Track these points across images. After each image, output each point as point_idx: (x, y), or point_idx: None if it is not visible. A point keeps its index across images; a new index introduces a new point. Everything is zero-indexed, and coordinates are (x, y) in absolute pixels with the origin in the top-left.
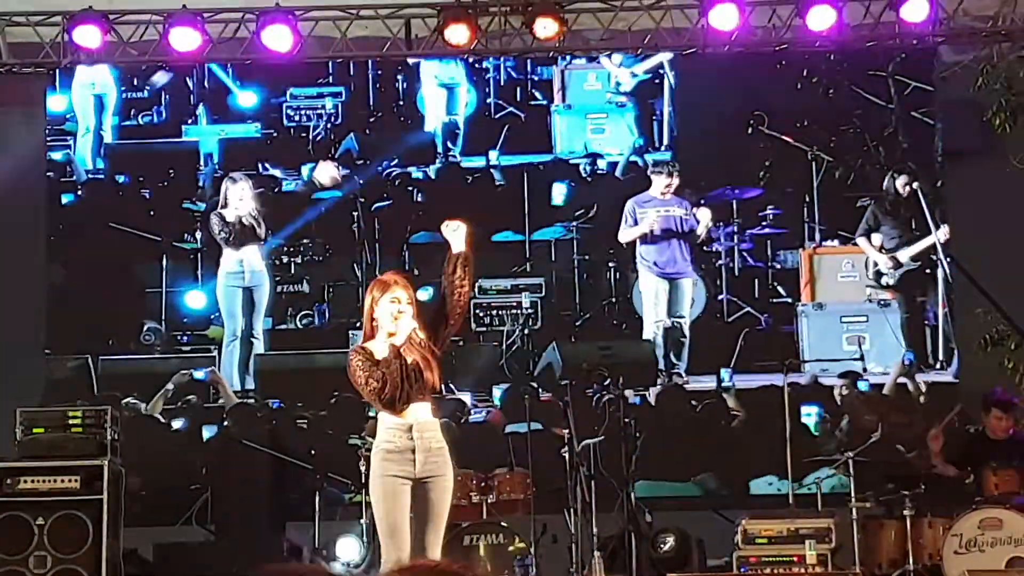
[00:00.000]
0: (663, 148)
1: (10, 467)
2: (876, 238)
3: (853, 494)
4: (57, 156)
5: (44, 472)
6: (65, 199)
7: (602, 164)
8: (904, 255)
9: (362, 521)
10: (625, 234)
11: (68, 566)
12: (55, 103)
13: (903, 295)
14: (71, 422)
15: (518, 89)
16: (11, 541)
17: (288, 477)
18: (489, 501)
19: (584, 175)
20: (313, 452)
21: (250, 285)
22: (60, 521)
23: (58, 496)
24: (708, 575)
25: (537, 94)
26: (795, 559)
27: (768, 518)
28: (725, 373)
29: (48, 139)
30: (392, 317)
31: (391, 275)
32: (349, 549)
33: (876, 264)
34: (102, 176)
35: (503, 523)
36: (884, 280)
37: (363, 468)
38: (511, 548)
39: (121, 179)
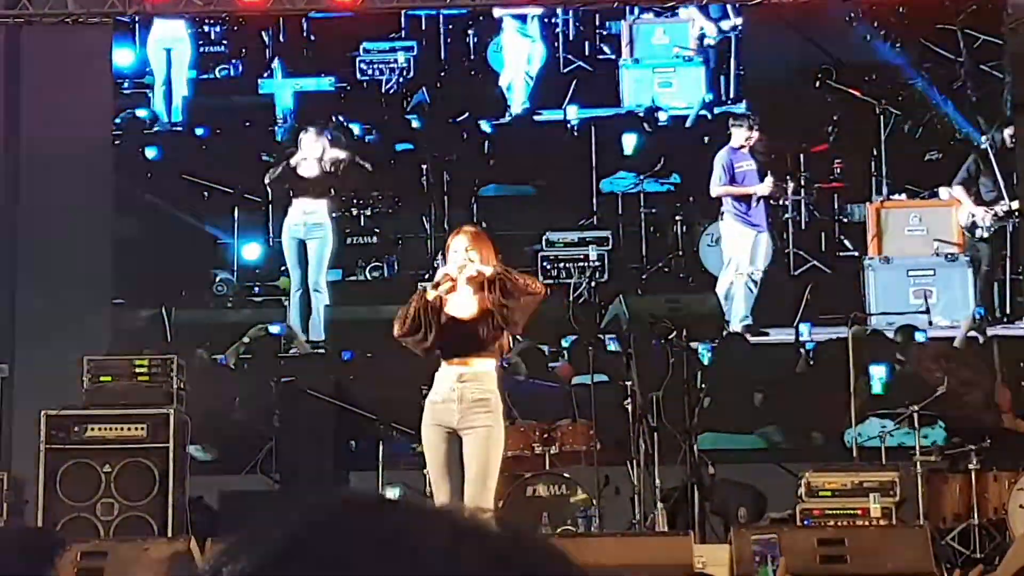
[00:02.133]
0: (730, 102)
1: (78, 415)
2: (955, 189)
3: (918, 448)
4: (142, 113)
5: (111, 420)
6: (150, 153)
7: (663, 117)
8: (1003, 208)
9: (425, 471)
10: (718, 187)
11: (135, 513)
12: (124, 57)
13: (988, 247)
14: (138, 371)
15: (586, 44)
16: (79, 488)
17: (353, 427)
18: (552, 452)
19: (647, 128)
20: (379, 402)
21: (304, 238)
22: (127, 469)
23: (125, 444)
24: (772, 528)
25: (606, 48)
26: (859, 512)
27: (832, 471)
28: (805, 328)
29: (126, 91)
30: (458, 267)
31: (465, 226)
32: None
33: (972, 215)
34: (180, 129)
35: (565, 474)
36: (978, 232)
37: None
38: (573, 499)
39: (199, 132)
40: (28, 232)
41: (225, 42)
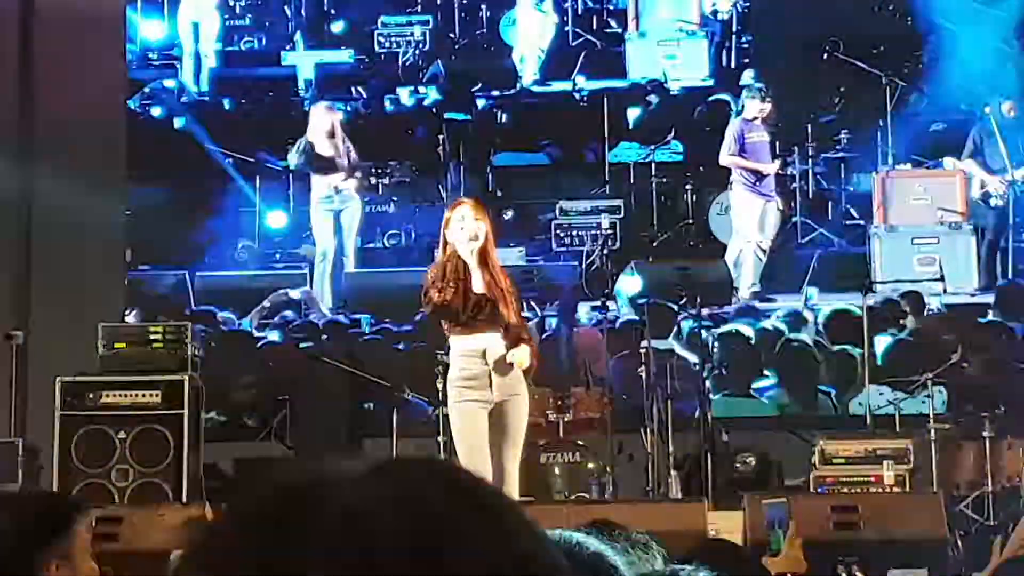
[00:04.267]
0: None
1: (92, 381)
2: (964, 162)
3: (932, 415)
4: (170, 83)
5: (125, 387)
6: (177, 122)
7: (674, 87)
8: (1019, 174)
9: (439, 439)
10: (728, 157)
11: (149, 479)
12: (153, 29)
13: (994, 215)
14: (152, 338)
15: (594, 18)
16: (94, 454)
17: (367, 393)
18: (565, 420)
19: (654, 100)
20: (394, 368)
21: (339, 208)
22: (141, 435)
23: (139, 411)
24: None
25: (612, 22)
26: (873, 479)
27: (846, 438)
28: (812, 292)
29: (154, 62)
30: (467, 237)
31: (461, 199)
32: None
33: (984, 185)
34: (208, 99)
35: (579, 441)
36: (992, 201)
37: (439, 385)
38: (587, 467)
39: (226, 102)
40: (43, 200)
41: (249, 16)
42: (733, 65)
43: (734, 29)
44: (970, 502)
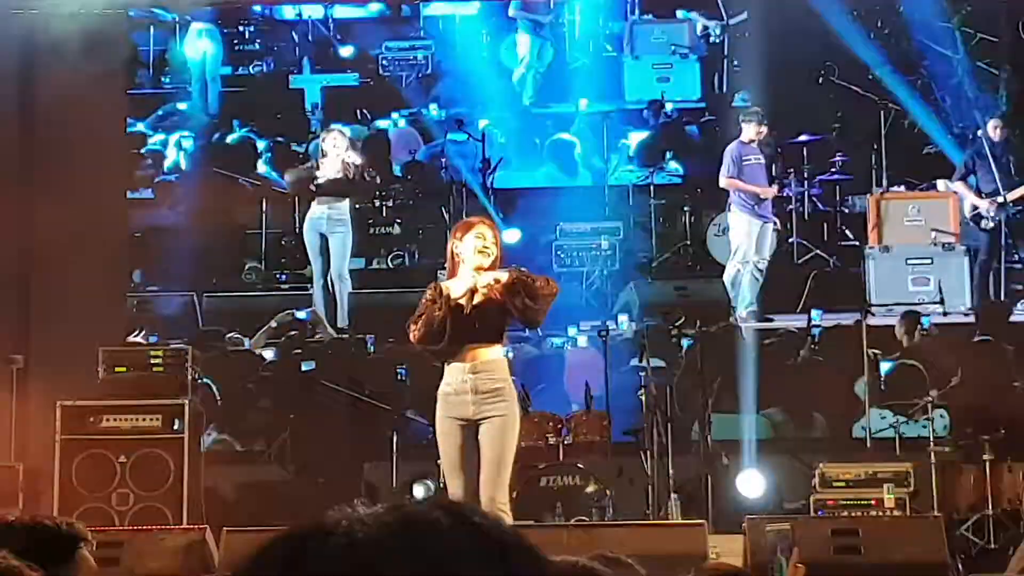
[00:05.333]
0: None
1: (93, 406)
2: (955, 184)
3: (932, 439)
4: (183, 106)
5: (126, 411)
6: (186, 143)
7: (668, 107)
8: (1011, 196)
9: (439, 461)
10: (727, 179)
11: (150, 503)
12: (165, 54)
13: (987, 236)
14: (152, 361)
15: (591, 43)
16: (94, 478)
17: (367, 417)
18: (565, 443)
19: (650, 121)
20: (395, 389)
21: (326, 232)
22: (142, 459)
23: (140, 435)
24: (787, 517)
25: (608, 46)
26: (873, 502)
27: (846, 462)
28: (816, 314)
29: (167, 87)
30: (476, 251)
31: (476, 218)
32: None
33: (976, 208)
34: (217, 120)
35: (579, 464)
36: (984, 223)
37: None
38: (587, 490)
39: (235, 126)
40: (45, 220)
41: (258, 41)
42: (725, 88)
43: (724, 53)
44: (971, 525)
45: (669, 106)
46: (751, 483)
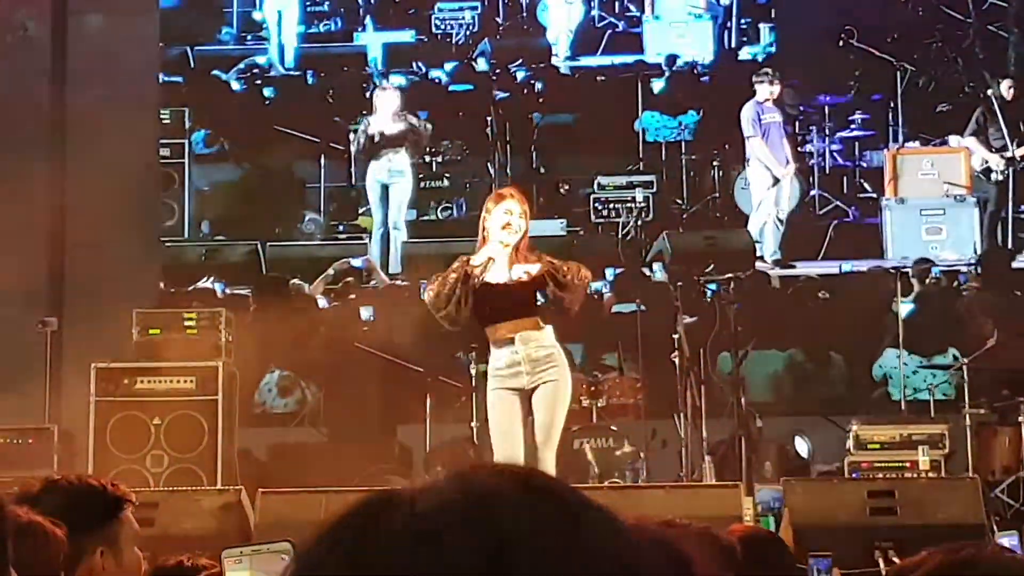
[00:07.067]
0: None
1: (127, 368)
2: (967, 140)
3: (967, 400)
4: (261, 60)
5: (160, 373)
6: (268, 92)
7: (680, 62)
8: (1019, 152)
9: (472, 424)
10: (754, 142)
11: (184, 465)
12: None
13: (996, 189)
14: (186, 324)
15: (616, 3)
16: (129, 440)
17: (400, 379)
18: (599, 405)
19: (667, 74)
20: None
21: (388, 182)
22: (176, 421)
23: (174, 396)
24: (821, 479)
25: (631, 6)
26: (908, 465)
27: (880, 424)
28: (847, 265)
29: (249, 43)
30: (501, 227)
31: (508, 189)
32: None
33: (986, 162)
34: (293, 73)
35: (612, 427)
36: (993, 176)
37: (472, 371)
38: (620, 452)
39: (308, 76)
40: (77, 183)
41: (327, 1)
42: (734, 45)
43: (734, 13)
44: (1005, 487)
45: (680, 61)
46: (801, 446)
